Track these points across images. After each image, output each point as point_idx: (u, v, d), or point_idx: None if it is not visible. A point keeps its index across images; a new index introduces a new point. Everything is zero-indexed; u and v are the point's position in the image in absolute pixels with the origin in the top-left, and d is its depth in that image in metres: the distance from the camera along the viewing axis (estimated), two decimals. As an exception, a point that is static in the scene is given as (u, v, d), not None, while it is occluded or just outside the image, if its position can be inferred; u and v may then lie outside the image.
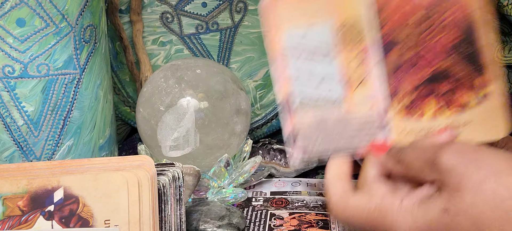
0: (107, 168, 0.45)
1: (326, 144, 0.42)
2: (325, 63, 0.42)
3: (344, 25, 0.42)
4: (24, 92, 0.53)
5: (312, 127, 0.42)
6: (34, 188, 0.42)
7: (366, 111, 0.42)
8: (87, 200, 0.42)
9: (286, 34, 0.42)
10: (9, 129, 0.54)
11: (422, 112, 0.42)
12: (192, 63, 0.63)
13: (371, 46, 0.42)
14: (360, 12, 0.42)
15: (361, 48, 0.42)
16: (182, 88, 0.60)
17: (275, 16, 0.42)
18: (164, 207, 0.44)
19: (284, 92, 0.42)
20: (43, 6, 0.51)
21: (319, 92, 0.42)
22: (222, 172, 0.61)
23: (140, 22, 0.70)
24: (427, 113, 0.42)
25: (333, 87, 0.42)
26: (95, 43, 0.57)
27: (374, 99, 0.42)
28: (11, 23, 0.51)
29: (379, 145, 0.42)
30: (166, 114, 0.59)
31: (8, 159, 0.55)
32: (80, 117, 0.57)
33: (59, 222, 0.42)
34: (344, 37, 0.42)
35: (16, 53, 0.52)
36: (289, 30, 0.42)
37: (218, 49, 0.73)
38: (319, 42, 0.42)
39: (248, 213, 0.59)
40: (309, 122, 0.42)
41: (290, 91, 0.42)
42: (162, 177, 0.45)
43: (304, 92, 0.42)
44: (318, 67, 0.42)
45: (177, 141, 0.59)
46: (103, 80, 0.59)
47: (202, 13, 0.71)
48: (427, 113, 0.42)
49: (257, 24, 0.72)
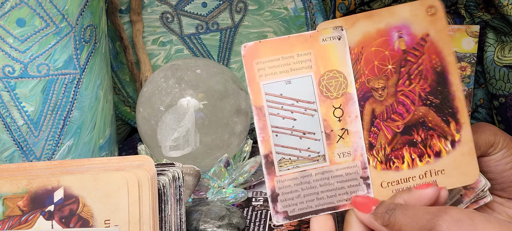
0: (107, 168, 0.45)
1: (308, 203, 0.42)
2: (306, 117, 0.42)
3: (323, 79, 0.42)
4: (24, 92, 0.53)
5: (294, 186, 0.42)
6: (34, 188, 0.42)
7: (347, 167, 0.42)
8: (87, 200, 0.42)
9: (265, 90, 0.42)
10: (9, 129, 0.54)
11: (399, 164, 0.43)
12: (192, 63, 0.63)
13: (349, 101, 0.42)
14: (338, 66, 0.42)
15: (340, 103, 0.42)
16: (182, 88, 0.60)
17: (254, 69, 0.41)
18: (164, 207, 0.44)
19: (265, 149, 0.42)
20: (43, 6, 0.51)
21: (301, 148, 0.42)
22: (222, 172, 0.61)
23: (140, 22, 0.70)
24: (404, 165, 0.43)
25: (315, 143, 0.42)
26: (95, 43, 0.57)
27: (353, 154, 0.42)
28: (11, 23, 0.51)
29: (361, 201, 0.41)
30: (166, 115, 0.59)
31: (8, 159, 0.55)
32: (80, 116, 0.57)
33: (59, 222, 0.42)
34: (323, 92, 0.42)
35: (16, 53, 0.52)
36: (268, 86, 0.42)
37: (218, 49, 0.73)
38: (299, 96, 0.42)
39: (248, 213, 0.59)
40: (291, 180, 0.42)
41: (271, 147, 0.42)
42: (162, 177, 0.45)
43: (285, 150, 0.42)
44: (299, 123, 0.42)
45: (177, 141, 0.59)
46: (103, 80, 0.59)
47: (202, 13, 0.71)
48: (404, 166, 0.43)
49: (257, 24, 0.72)
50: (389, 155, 0.43)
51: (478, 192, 0.45)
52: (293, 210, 0.42)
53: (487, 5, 0.68)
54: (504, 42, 0.68)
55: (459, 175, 0.43)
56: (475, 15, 0.69)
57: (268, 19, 0.72)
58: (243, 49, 0.42)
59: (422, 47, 0.43)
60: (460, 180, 0.43)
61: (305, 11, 0.72)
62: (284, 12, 0.72)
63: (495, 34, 0.68)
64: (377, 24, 0.42)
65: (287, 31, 0.73)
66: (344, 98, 0.42)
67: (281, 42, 0.42)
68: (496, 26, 0.68)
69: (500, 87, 0.68)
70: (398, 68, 0.43)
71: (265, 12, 0.72)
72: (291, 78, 0.42)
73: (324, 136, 0.42)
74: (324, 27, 0.42)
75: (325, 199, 0.42)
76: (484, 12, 0.68)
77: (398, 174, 0.43)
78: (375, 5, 0.72)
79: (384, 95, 0.43)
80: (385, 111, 0.43)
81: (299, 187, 0.42)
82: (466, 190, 0.45)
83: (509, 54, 0.67)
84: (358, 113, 0.42)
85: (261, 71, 0.42)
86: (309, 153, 0.42)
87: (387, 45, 0.42)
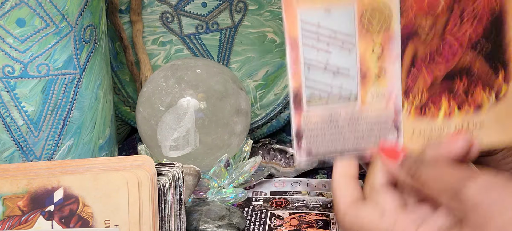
0: (107, 168, 0.45)
1: (334, 143, 0.40)
2: (342, 53, 0.39)
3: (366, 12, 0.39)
4: (24, 92, 0.53)
5: (321, 124, 0.39)
6: (34, 188, 0.42)
7: (379, 110, 0.40)
8: (87, 200, 0.42)
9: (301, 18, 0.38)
10: (9, 129, 0.54)
11: (435, 112, 0.40)
12: (192, 63, 0.63)
13: (391, 38, 0.39)
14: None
15: (381, 39, 0.39)
16: (182, 88, 0.60)
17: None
18: (164, 207, 0.44)
19: (295, 83, 0.38)
20: (43, 6, 0.51)
21: (333, 85, 0.39)
22: (222, 172, 0.61)
23: (140, 22, 0.70)
24: (440, 113, 0.40)
25: (348, 81, 0.39)
26: (95, 43, 0.57)
27: (388, 97, 0.40)
28: (11, 23, 0.51)
29: (389, 148, 0.39)
30: (166, 114, 0.59)
31: (8, 159, 0.55)
32: (80, 116, 0.57)
33: (59, 222, 0.42)
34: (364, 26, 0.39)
35: (16, 53, 0.52)
36: (305, 14, 0.38)
37: (218, 49, 0.73)
38: (337, 29, 0.39)
39: (248, 213, 0.59)
40: (318, 118, 0.39)
41: (301, 82, 0.38)
42: (162, 177, 0.45)
43: (317, 85, 0.39)
44: (334, 57, 0.39)
45: (177, 141, 0.59)
46: (103, 80, 0.59)
47: (202, 13, 0.71)
48: (441, 114, 0.40)
49: (257, 24, 0.72)
50: (425, 101, 0.40)
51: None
52: (317, 148, 0.39)
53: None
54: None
55: (498, 132, 0.40)
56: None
57: (268, 19, 0.72)
58: None
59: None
60: (499, 137, 0.40)
61: (305, 11, 0.72)
62: (284, 12, 0.72)
63: None
64: None
65: (287, 31, 0.72)
66: (386, 34, 0.39)
67: None
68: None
69: (500, 87, 0.68)
70: (451, 4, 0.39)
71: (265, 12, 0.72)
72: (331, 6, 0.38)
73: (360, 74, 0.39)
74: None
75: (352, 141, 0.40)
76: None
77: (432, 123, 0.40)
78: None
79: (431, 35, 0.39)
80: (429, 52, 0.39)
81: (326, 125, 0.39)
82: None
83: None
84: (399, 52, 0.39)
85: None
86: (341, 91, 0.39)
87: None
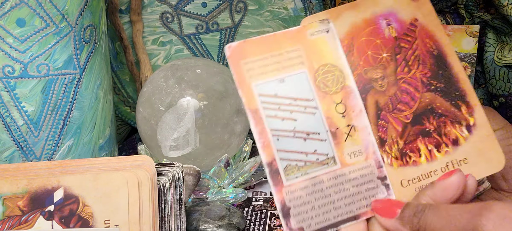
0: (107, 168, 0.45)
1: (325, 215, 0.37)
2: (307, 118, 0.38)
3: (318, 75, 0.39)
4: (24, 92, 0.53)
5: (306, 197, 0.37)
6: (34, 188, 0.42)
7: (361, 168, 0.38)
8: (87, 200, 0.42)
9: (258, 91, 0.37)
10: (9, 129, 0.54)
11: (416, 158, 0.39)
12: (192, 63, 0.63)
13: (350, 95, 0.39)
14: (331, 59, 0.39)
15: (341, 98, 0.39)
16: (182, 88, 0.60)
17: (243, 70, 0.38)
18: (164, 207, 0.44)
19: (268, 156, 0.37)
20: (43, 6, 0.51)
21: (307, 152, 0.38)
22: (222, 172, 0.61)
23: (140, 22, 0.70)
24: (421, 158, 0.39)
25: (321, 145, 0.38)
26: (95, 43, 0.57)
27: (365, 153, 0.38)
28: (11, 23, 0.51)
29: (383, 206, 0.37)
30: (166, 114, 0.59)
31: (8, 159, 0.55)
32: (80, 116, 0.57)
33: (59, 222, 0.42)
34: (321, 88, 0.39)
35: (16, 53, 0.52)
36: (260, 86, 0.38)
37: (218, 49, 0.73)
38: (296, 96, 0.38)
39: (248, 213, 0.59)
40: (301, 191, 0.37)
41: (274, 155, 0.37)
42: (162, 177, 0.45)
43: (290, 155, 0.37)
44: (300, 123, 0.38)
45: (177, 141, 0.59)
46: (103, 80, 0.59)
47: (202, 13, 0.71)
48: (422, 159, 0.39)
49: (257, 24, 0.72)
50: (403, 149, 0.39)
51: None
52: (309, 225, 0.37)
53: (487, 5, 0.68)
54: (504, 42, 0.68)
55: (484, 163, 0.40)
56: (475, 15, 0.69)
57: (268, 19, 0.72)
58: (228, 50, 0.38)
59: (413, 32, 0.41)
60: (486, 168, 0.40)
61: (305, 11, 0.72)
62: (284, 12, 0.72)
63: (495, 34, 0.68)
64: (362, 13, 0.41)
65: (287, 31, 0.73)
66: (344, 92, 0.39)
67: (267, 40, 0.39)
68: (496, 26, 0.68)
69: (500, 87, 0.68)
70: (393, 55, 0.40)
71: (265, 12, 0.72)
72: (284, 76, 0.38)
73: (330, 135, 0.38)
74: (310, 22, 0.40)
75: (343, 208, 0.38)
76: (484, 12, 0.68)
77: (417, 169, 0.39)
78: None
79: (385, 85, 0.40)
80: (390, 102, 0.40)
81: (312, 197, 0.37)
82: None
83: (509, 54, 0.67)
84: (362, 107, 0.39)
85: (250, 71, 0.38)
86: (316, 156, 0.38)
87: (377, 34, 0.41)
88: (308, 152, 0.38)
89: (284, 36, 0.39)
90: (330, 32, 0.40)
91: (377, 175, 0.38)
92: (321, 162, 0.38)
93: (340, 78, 0.39)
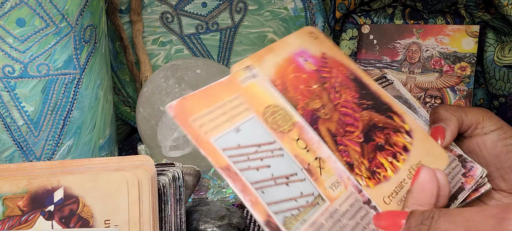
0: (107, 168, 0.45)
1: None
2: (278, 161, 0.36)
3: (267, 117, 0.38)
4: (24, 92, 0.53)
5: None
6: (34, 188, 0.42)
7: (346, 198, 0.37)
8: (87, 200, 0.41)
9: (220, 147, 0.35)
10: (9, 129, 0.54)
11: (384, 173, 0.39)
12: (192, 63, 0.63)
13: (302, 129, 0.39)
14: (271, 101, 0.39)
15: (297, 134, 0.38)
16: (182, 88, 0.60)
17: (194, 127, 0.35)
18: (164, 207, 0.44)
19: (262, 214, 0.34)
20: (43, 6, 0.51)
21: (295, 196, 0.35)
22: (222, 172, 0.61)
23: (140, 22, 0.70)
24: (388, 171, 0.40)
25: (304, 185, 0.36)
26: (95, 43, 0.57)
27: (343, 181, 0.37)
28: (11, 23, 0.51)
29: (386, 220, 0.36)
30: (166, 115, 0.59)
31: (8, 159, 0.55)
32: (80, 117, 0.57)
33: (59, 222, 0.42)
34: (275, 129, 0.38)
35: (16, 53, 0.52)
36: (219, 142, 0.35)
37: (218, 49, 0.73)
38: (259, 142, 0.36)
39: (248, 213, 0.59)
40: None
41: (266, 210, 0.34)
42: (162, 177, 0.45)
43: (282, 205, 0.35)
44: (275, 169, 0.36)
45: (177, 141, 0.59)
46: (103, 80, 0.59)
47: (202, 13, 0.71)
48: (389, 172, 0.39)
49: (257, 24, 0.72)
50: (370, 168, 0.39)
51: (477, 179, 0.45)
52: None
53: (487, 5, 0.68)
54: (504, 42, 0.68)
55: (433, 161, 0.41)
56: (475, 15, 0.69)
57: (268, 19, 0.72)
58: (171, 110, 0.35)
59: (327, 64, 0.43)
60: (437, 165, 0.41)
61: (305, 11, 0.72)
62: (284, 12, 0.72)
63: (495, 34, 0.68)
64: (280, 55, 0.42)
65: (287, 31, 0.73)
66: (297, 128, 0.38)
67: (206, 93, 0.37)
68: (496, 26, 0.68)
69: (500, 87, 0.68)
70: (321, 85, 0.42)
71: (265, 12, 0.72)
72: (237, 125, 0.36)
73: (306, 172, 0.37)
74: (235, 70, 0.39)
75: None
76: (484, 12, 0.68)
77: (390, 183, 0.39)
78: (374, 5, 0.72)
79: (328, 112, 0.41)
80: (339, 126, 0.40)
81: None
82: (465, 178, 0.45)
83: (509, 54, 0.67)
84: (318, 139, 0.39)
85: (203, 127, 0.35)
86: (305, 199, 0.35)
87: (300, 69, 0.42)
88: (295, 196, 0.35)
89: (219, 87, 0.38)
90: (258, 77, 0.40)
91: (363, 200, 0.37)
92: (311, 204, 0.36)
93: (287, 116, 0.39)
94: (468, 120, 0.46)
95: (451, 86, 0.69)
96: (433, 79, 0.69)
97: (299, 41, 0.43)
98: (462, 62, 0.69)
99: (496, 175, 0.46)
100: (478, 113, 0.46)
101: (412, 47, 0.70)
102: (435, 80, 0.69)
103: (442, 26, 0.70)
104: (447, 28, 0.69)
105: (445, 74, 0.69)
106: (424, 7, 0.71)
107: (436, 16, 0.71)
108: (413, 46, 0.70)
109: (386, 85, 0.54)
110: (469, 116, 0.46)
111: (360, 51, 0.71)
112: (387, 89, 0.53)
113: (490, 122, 0.46)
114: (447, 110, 0.46)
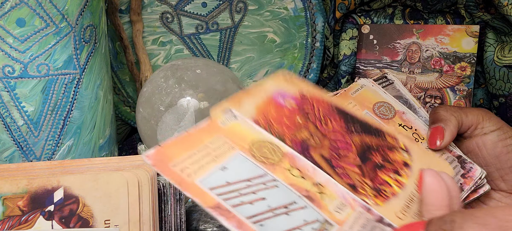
0: (107, 168, 0.45)
1: None
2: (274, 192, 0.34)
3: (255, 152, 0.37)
4: (24, 92, 0.53)
5: None
6: (34, 188, 0.42)
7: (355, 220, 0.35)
8: (87, 200, 0.41)
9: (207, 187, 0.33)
10: (9, 129, 0.54)
11: (390, 189, 0.38)
12: (192, 63, 0.63)
13: (294, 158, 0.37)
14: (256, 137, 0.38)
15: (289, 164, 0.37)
16: (182, 88, 0.60)
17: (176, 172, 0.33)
18: (164, 207, 0.44)
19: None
20: (43, 6, 0.51)
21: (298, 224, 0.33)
22: (222, 172, 0.61)
23: (140, 22, 0.70)
24: (394, 187, 0.39)
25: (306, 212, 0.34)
26: (95, 43, 0.57)
27: (348, 203, 0.36)
28: (11, 23, 0.51)
29: None
30: (166, 114, 0.59)
31: (8, 159, 0.55)
32: (80, 116, 0.57)
33: (59, 222, 0.42)
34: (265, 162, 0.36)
35: (16, 53, 0.52)
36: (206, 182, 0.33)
37: (218, 49, 0.73)
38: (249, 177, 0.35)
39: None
40: None
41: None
42: (162, 177, 0.45)
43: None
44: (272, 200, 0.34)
45: (177, 141, 0.59)
46: (103, 80, 0.59)
47: (202, 13, 0.71)
48: (395, 188, 0.39)
49: (257, 24, 0.72)
50: (374, 187, 0.38)
51: (476, 180, 0.45)
52: None
53: (487, 5, 0.68)
54: (504, 42, 0.68)
55: None
56: (475, 15, 0.69)
57: (268, 19, 0.72)
58: (149, 159, 0.33)
59: (307, 99, 0.43)
60: None
61: (305, 11, 0.72)
62: (284, 12, 0.72)
63: (495, 34, 0.68)
64: (259, 97, 0.41)
65: (287, 31, 0.73)
66: (288, 158, 0.37)
67: (185, 139, 0.36)
68: (496, 26, 0.68)
69: (500, 87, 0.68)
70: (306, 118, 0.41)
71: (265, 12, 0.72)
72: (223, 164, 0.35)
73: (306, 199, 0.35)
74: (214, 114, 0.39)
75: None
76: (484, 12, 0.68)
77: (399, 199, 0.38)
78: (374, 5, 0.72)
79: (318, 140, 0.40)
80: (332, 151, 0.39)
81: None
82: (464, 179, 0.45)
83: (509, 54, 0.67)
84: (313, 165, 0.37)
85: (186, 170, 0.33)
86: (311, 226, 0.33)
87: (282, 107, 0.41)
88: (299, 225, 0.33)
89: (199, 132, 0.37)
90: (240, 117, 0.39)
91: (375, 219, 0.36)
92: (317, 229, 0.33)
93: (276, 149, 0.38)
94: (468, 120, 0.46)
95: (451, 86, 0.69)
96: (433, 79, 0.69)
97: (276, 84, 0.43)
98: (462, 62, 0.69)
99: (496, 175, 0.46)
100: (478, 114, 0.46)
101: (412, 47, 0.70)
102: (435, 80, 0.69)
103: (442, 26, 0.70)
104: (447, 28, 0.69)
105: (445, 74, 0.69)
106: (424, 7, 0.71)
107: (436, 16, 0.71)
108: (413, 46, 0.70)
109: (386, 85, 0.54)
110: (469, 116, 0.46)
111: (360, 51, 0.71)
112: (388, 89, 0.53)
113: (490, 122, 0.46)
114: (447, 110, 0.46)
